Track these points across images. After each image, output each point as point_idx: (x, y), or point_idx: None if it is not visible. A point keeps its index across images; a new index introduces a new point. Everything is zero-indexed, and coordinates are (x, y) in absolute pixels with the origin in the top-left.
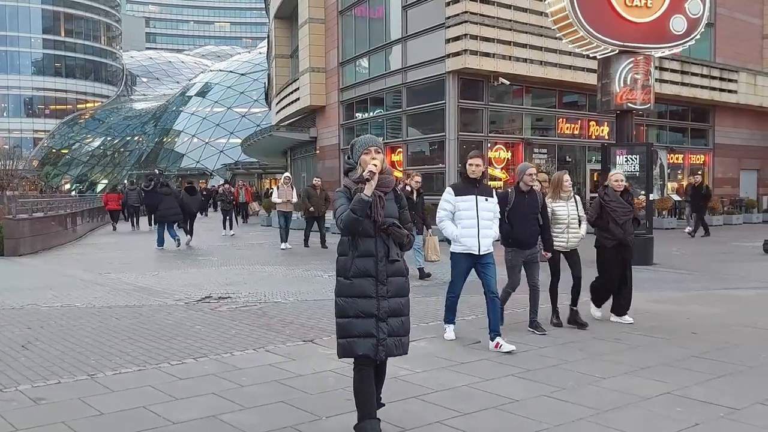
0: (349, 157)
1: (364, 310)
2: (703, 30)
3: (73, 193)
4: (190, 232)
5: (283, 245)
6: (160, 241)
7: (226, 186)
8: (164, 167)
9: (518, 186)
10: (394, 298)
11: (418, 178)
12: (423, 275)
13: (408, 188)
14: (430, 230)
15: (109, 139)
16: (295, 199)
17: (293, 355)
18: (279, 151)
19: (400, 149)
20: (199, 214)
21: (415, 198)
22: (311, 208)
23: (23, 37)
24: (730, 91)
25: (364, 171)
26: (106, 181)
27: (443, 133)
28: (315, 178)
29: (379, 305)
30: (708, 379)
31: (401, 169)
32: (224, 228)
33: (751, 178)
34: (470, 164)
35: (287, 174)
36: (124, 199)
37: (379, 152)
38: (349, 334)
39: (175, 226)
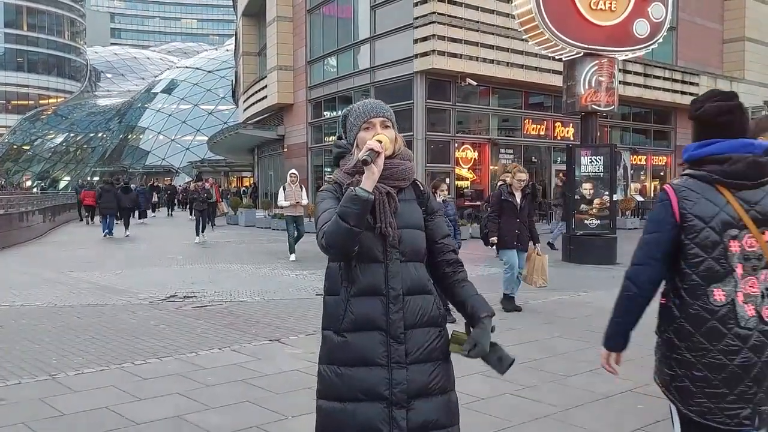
0: (339, 137)
1: (368, 389)
2: (665, 34)
3: (35, 190)
4: (126, 225)
5: (292, 256)
6: (105, 229)
7: (200, 183)
8: (128, 164)
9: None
10: (420, 365)
11: (523, 175)
12: (510, 306)
13: (512, 189)
14: (537, 246)
15: (72, 135)
16: (305, 201)
17: (259, 354)
18: (246, 149)
19: None
20: (150, 212)
21: (519, 202)
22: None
23: None
24: (691, 94)
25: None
26: (68, 178)
27: (411, 133)
28: (291, 171)
29: (392, 378)
30: None
31: (509, 164)
32: (197, 234)
33: None
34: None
35: (293, 171)
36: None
37: (388, 126)
38: (339, 430)
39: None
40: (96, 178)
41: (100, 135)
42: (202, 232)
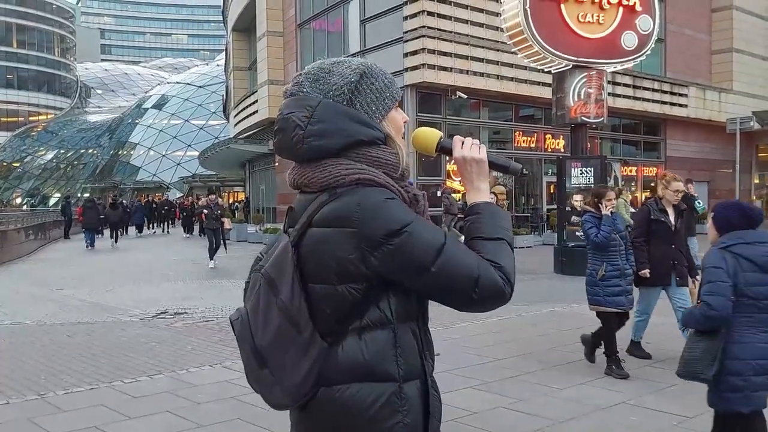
0: (307, 120)
1: None
2: (653, 46)
3: (25, 207)
4: (115, 238)
5: None
6: (87, 242)
7: (211, 197)
8: (119, 180)
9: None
10: None
11: (679, 185)
12: (642, 353)
13: (664, 204)
14: (696, 279)
15: (62, 152)
16: None
17: None
18: (237, 164)
19: None
20: (146, 228)
21: (674, 221)
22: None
23: None
24: (680, 105)
25: (459, 146)
26: (59, 195)
27: None
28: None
29: None
30: (661, 388)
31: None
32: (211, 257)
33: (702, 190)
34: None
35: None
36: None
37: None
38: None
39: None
40: (87, 194)
41: (90, 151)
42: (215, 253)
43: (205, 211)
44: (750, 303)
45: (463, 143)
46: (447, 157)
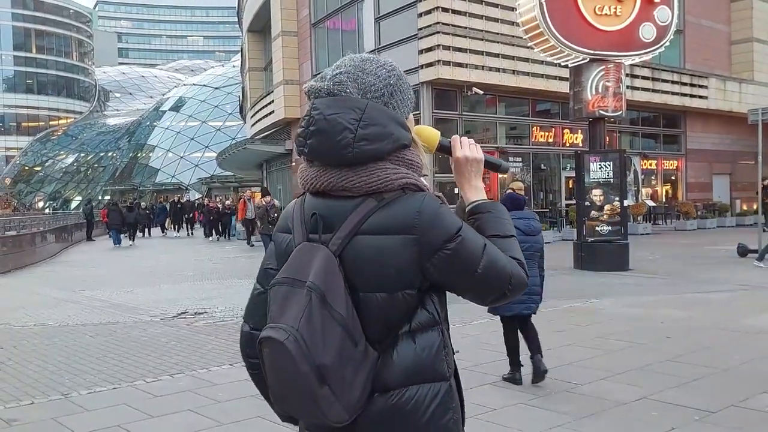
0: (357, 122)
1: None
2: (672, 37)
3: (47, 210)
4: (132, 237)
5: None
6: (115, 241)
7: (268, 199)
8: (139, 182)
9: None
10: None
11: None
12: None
13: None
14: None
15: (82, 155)
16: None
17: None
18: (254, 164)
19: None
20: (171, 229)
21: None
22: None
23: None
24: (700, 97)
25: (459, 149)
26: (80, 198)
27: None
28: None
29: None
30: (682, 382)
31: None
32: None
33: (723, 183)
34: None
35: None
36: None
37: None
38: None
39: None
40: (107, 197)
41: (110, 154)
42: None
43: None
44: None
45: (461, 143)
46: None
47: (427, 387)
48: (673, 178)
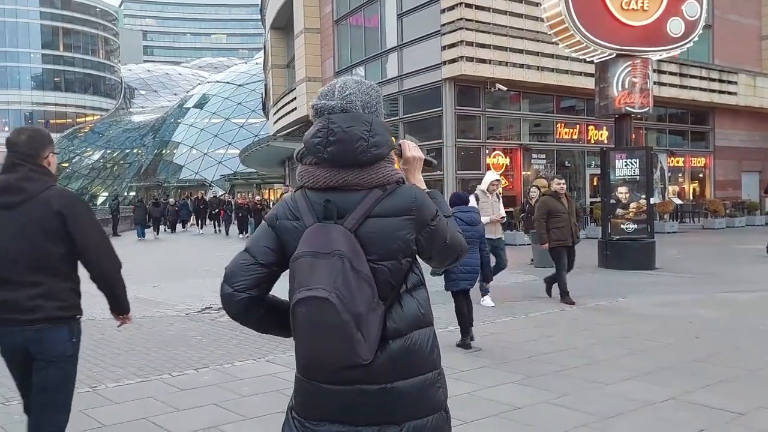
0: (368, 133)
1: None
2: (700, 32)
3: None
4: (156, 230)
5: (487, 300)
6: (139, 234)
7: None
8: (163, 179)
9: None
10: None
11: None
12: None
13: None
14: None
15: (108, 151)
16: (502, 215)
17: (294, 364)
18: (277, 161)
19: None
20: (195, 226)
21: None
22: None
23: (23, 53)
24: (729, 93)
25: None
26: (106, 194)
27: (440, 140)
28: (493, 177)
29: None
30: (711, 383)
31: None
32: None
33: (752, 180)
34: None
35: (494, 175)
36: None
37: None
38: None
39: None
40: (132, 193)
41: (135, 151)
42: None
43: None
44: None
45: (408, 146)
46: (487, 151)
47: (426, 331)
48: (700, 175)
